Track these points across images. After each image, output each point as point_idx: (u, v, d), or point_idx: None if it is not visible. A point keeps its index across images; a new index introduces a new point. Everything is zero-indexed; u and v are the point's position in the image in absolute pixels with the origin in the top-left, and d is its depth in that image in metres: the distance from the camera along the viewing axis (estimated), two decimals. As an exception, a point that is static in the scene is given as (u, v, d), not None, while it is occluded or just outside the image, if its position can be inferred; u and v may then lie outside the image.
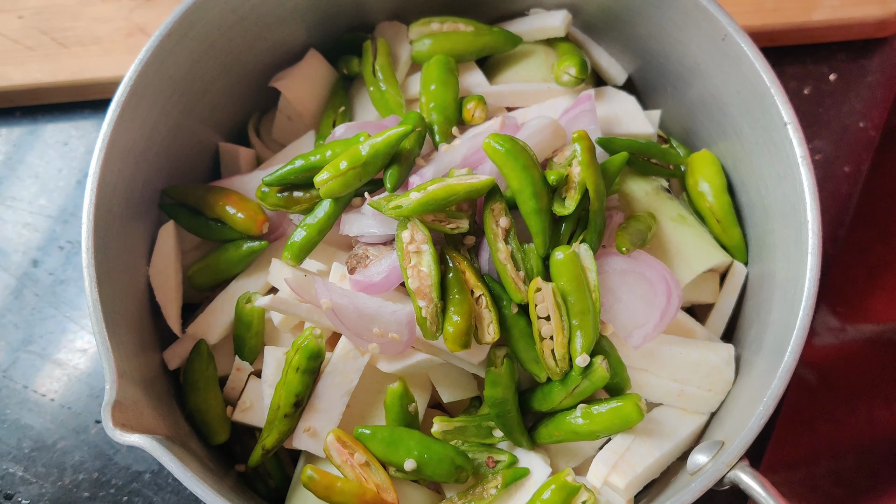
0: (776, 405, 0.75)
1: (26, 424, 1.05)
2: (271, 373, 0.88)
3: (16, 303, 1.11)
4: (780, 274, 0.86)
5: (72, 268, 1.12)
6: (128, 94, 0.85)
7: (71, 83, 1.16)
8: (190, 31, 0.88)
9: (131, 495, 1.02)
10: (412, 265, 0.79)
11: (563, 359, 0.80)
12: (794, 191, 0.82)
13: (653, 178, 0.96)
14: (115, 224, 0.85)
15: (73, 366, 1.08)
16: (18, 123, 1.20)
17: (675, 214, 0.92)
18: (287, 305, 0.86)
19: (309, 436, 0.85)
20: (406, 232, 0.79)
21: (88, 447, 1.04)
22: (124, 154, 0.86)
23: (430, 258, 0.79)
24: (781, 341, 0.79)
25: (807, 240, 0.80)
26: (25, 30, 1.18)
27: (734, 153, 0.93)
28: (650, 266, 0.86)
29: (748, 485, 0.73)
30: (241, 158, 1.01)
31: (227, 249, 0.93)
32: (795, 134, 0.82)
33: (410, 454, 0.81)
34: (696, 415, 0.87)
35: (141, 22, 1.17)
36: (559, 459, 0.86)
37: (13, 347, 1.09)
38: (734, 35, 0.86)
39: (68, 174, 1.17)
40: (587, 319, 0.80)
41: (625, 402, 0.80)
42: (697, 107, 0.97)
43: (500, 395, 0.81)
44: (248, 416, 0.90)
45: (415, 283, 0.79)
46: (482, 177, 0.80)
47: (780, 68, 0.85)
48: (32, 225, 1.14)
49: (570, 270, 0.80)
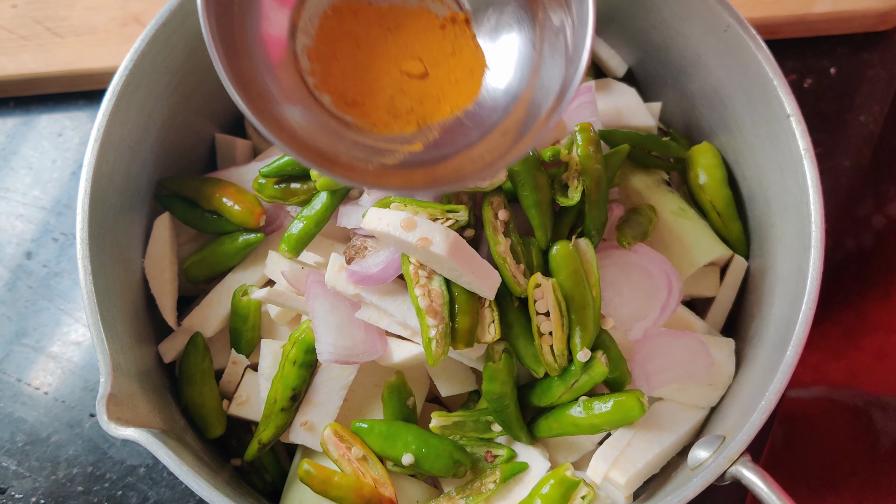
0: (778, 400, 0.75)
1: (20, 418, 1.04)
2: (268, 366, 0.87)
3: (9, 295, 1.10)
4: (781, 268, 0.85)
5: (66, 260, 1.11)
6: (123, 84, 0.84)
7: (65, 73, 1.15)
8: (185, 21, 0.87)
9: (126, 489, 1.01)
10: (422, 284, 0.78)
11: (561, 355, 0.80)
12: (796, 184, 0.82)
13: (653, 171, 0.95)
14: (109, 216, 0.85)
15: (68, 359, 1.07)
16: (12, 114, 1.18)
17: (675, 208, 0.92)
18: (284, 298, 0.85)
19: (306, 430, 0.84)
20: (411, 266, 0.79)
21: (82, 441, 1.04)
22: (119, 145, 0.85)
23: (441, 278, 0.78)
24: (783, 335, 0.78)
25: (809, 233, 0.79)
26: (19, 19, 1.16)
27: (735, 146, 0.93)
28: (651, 260, 0.85)
29: (750, 480, 0.73)
30: (237, 149, 1.01)
31: (223, 241, 0.92)
32: (798, 126, 0.81)
33: (408, 448, 0.81)
34: (697, 409, 0.87)
35: (136, 11, 1.16)
36: (558, 454, 0.86)
37: (7, 340, 1.08)
38: (736, 26, 0.85)
39: (63, 165, 1.16)
40: (587, 314, 0.79)
41: (626, 397, 0.80)
42: (698, 99, 0.96)
43: (499, 390, 0.80)
44: (244, 409, 0.90)
45: (425, 301, 0.77)
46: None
47: (780, 61, 0.84)
48: (26, 216, 1.13)
49: (569, 265, 0.79)
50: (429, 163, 0.73)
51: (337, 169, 0.68)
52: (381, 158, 0.73)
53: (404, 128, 0.75)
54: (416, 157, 0.73)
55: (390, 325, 0.82)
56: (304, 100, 0.74)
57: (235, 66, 0.68)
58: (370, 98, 0.75)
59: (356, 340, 0.82)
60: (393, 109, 0.75)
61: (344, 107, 0.75)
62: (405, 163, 0.73)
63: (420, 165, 0.73)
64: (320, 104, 0.74)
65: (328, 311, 0.82)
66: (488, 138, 0.74)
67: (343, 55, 0.76)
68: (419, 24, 0.77)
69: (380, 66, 0.76)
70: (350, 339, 0.82)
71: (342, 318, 0.82)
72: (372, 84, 0.75)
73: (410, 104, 0.75)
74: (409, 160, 0.73)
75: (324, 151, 0.70)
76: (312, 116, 0.73)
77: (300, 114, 0.72)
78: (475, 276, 0.76)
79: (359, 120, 0.74)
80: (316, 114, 0.73)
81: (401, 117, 0.75)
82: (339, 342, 0.81)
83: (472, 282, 0.76)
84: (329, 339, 0.81)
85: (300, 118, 0.72)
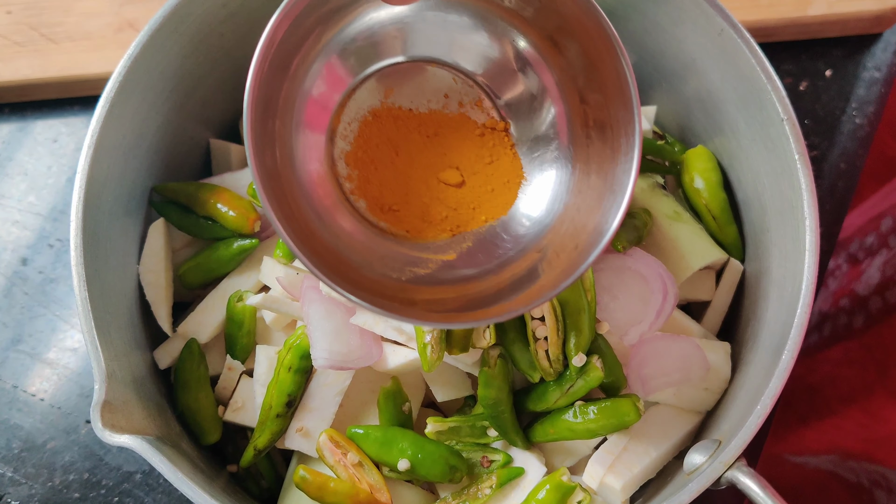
0: (774, 404, 0.75)
1: (16, 425, 1.04)
2: (263, 372, 0.87)
3: (5, 301, 1.10)
4: (776, 271, 0.85)
5: (62, 266, 1.11)
6: (117, 90, 0.84)
7: (60, 79, 1.15)
8: (180, 27, 0.87)
9: (122, 496, 1.01)
10: None
11: (556, 360, 0.80)
12: (791, 188, 0.82)
13: (648, 175, 0.95)
14: (104, 222, 0.84)
15: (64, 365, 1.07)
16: (7, 120, 1.18)
17: (670, 211, 0.92)
18: (279, 304, 0.85)
19: (301, 436, 0.84)
20: None
21: (79, 447, 1.03)
22: (113, 151, 0.85)
23: None
24: (779, 339, 0.78)
25: (804, 237, 0.79)
26: (14, 25, 1.16)
27: (730, 149, 0.93)
28: (646, 263, 0.85)
29: (746, 485, 0.73)
30: (232, 155, 1.01)
31: (218, 247, 0.92)
32: (792, 130, 0.81)
33: (404, 454, 0.81)
34: (693, 413, 0.87)
35: (131, 17, 1.16)
36: (554, 459, 0.86)
37: (2, 347, 1.07)
38: (730, 31, 0.85)
39: (58, 171, 1.16)
40: (583, 318, 0.79)
41: (622, 402, 0.79)
42: (693, 103, 0.96)
43: (494, 395, 0.80)
44: (239, 415, 0.90)
45: None
46: None
47: (775, 64, 0.84)
48: (22, 223, 1.13)
49: (565, 268, 0.79)
50: (462, 280, 0.72)
51: (365, 295, 0.67)
52: (413, 268, 0.72)
53: (438, 235, 0.75)
54: (449, 270, 0.73)
55: (385, 331, 0.82)
56: (339, 206, 0.73)
57: (272, 186, 0.67)
58: (406, 205, 0.75)
59: (351, 346, 0.82)
60: (427, 217, 0.74)
61: (379, 213, 0.74)
62: (437, 275, 0.72)
63: (453, 282, 0.72)
64: (356, 210, 0.74)
65: (323, 317, 0.82)
66: (526, 256, 0.73)
67: (382, 162, 0.75)
68: (459, 131, 0.77)
69: (418, 174, 0.76)
70: (345, 344, 0.81)
71: (337, 323, 0.82)
72: (409, 191, 0.75)
73: (445, 212, 0.75)
74: (441, 272, 0.72)
75: (356, 267, 0.69)
76: (346, 224, 0.72)
77: (333, 222, 0.72)
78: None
79: (393, 226, 0.74)
80: (350, 221, 0.73)
81: (435, 225, 0.75)
82: (335, 348, 0.81)
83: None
84: (324, 344, 0.81)
85: (332, 227, 0.71)
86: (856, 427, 1.11)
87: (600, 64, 0.73)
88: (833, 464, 1.14)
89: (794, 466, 1.16)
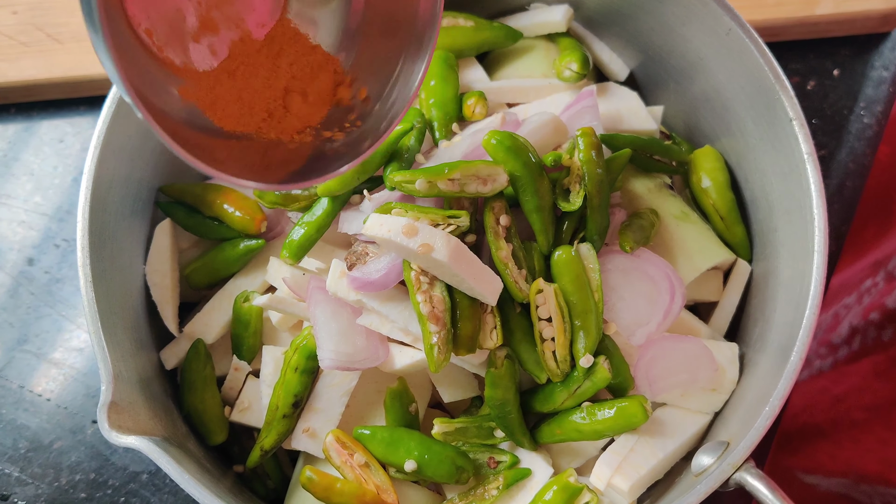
0: (782, 405, 0.74)
1: (22, 425, 1.04)
2: (270, 372, 0.87)
3: (11, 301, 1.10)
4: (784, 272, 0.85)
5: (68, 266, 1.11)
6: (123, 90, 0.83)
7: (66, 79, 1.15)
8: (186, 27, 0.87)
9: (128, 496, 1.01)
10: (424, 290, 0.77)
11: (564, 361, 0.79)
12: (799, 188, 0.81)
13: (655, 175, 0.95)
14: (110, 222, 0.84)
15: (70, 365, 1.07)
16: (13, 120, 1.18)
17: (678, 212, 0.91)
18: (285, 304, 0.85)
19: (308, 436, 0.84)
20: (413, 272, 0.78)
21: (85, 447, 1.03)
22: (120, 151, 0.85)
23: (443, 284, 0.78)
24: (787, 340, 0.78)
25: (813, 237, 0.79)
26: (20, 25, 1.16)
27: (738, 149, 0.92)
28: (653, 264, 0.85)
29: (754, 487, 0.72)
30: (238, 155, 1.00)
31: (224, 248, 0.92)
32: (801, 130, 0.81)
33: (411, 455, 0.81)
34: (700, 414, 0.86)
35: (137, 17, 1.16)
36: (561, 460, 0.85)
37: (9, 347, 1.08)
38: (738, 30, 0.85)
39: (64, 171, 1.16)
40: (590, 319, 0.79)
41: (630, 403, 0.79)
42: (701, 103, 0.96)
43: (501, 395, 0.80)
44: (246, 416, 0.90)
45: (427, 307, 0.76)
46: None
47: (782, 63, 0.84)
48: (28, 223, 1.13)
49: (571, 270, 0.79)
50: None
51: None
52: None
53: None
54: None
55: (392, 332, 0.82)
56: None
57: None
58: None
59: (358, 347, 0.81)
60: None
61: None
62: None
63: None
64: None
65: (330, 318, 0.82)
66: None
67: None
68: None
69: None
70: (352, 345, 0.81)
71: (344, 324, 0.82)
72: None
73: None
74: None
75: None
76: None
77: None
78: (477, 281, 0.76)
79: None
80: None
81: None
82: (341, 348, 0.81)
83: (474, 288, 0.76)
84: (331, 345, 0.80)
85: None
86: (875, 443, 1.10)
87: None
88: (846, 487, 1.12)
89: (805, 486, 1.15)
